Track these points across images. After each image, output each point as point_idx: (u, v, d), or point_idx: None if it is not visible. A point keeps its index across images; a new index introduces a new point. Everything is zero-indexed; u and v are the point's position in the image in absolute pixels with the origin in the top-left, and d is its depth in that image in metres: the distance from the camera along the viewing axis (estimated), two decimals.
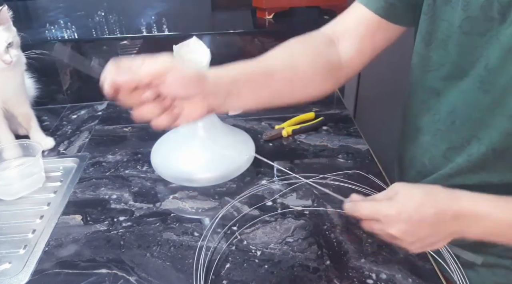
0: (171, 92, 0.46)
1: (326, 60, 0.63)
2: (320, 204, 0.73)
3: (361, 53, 0.65)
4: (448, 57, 0.57)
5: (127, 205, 0.75)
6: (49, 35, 1.08)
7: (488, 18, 0.51)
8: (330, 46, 0.64)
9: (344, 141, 0.91)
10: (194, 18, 1.21)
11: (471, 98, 0.56)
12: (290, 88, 0.60)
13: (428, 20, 0.59)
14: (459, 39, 0.55)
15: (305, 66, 0.61)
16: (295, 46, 0.63)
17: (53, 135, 0.97)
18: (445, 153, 0.61)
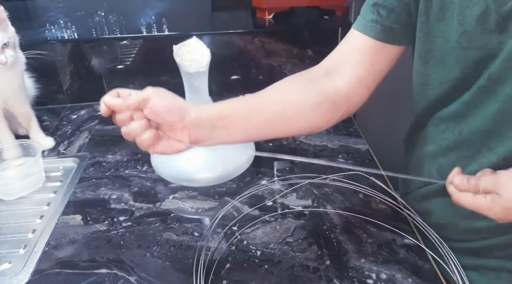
0: (154, 114, 0.51)
1: (319, 91, 0.61)
2: (320, 204, 0.73)
3: (361, 81, 0.62)
4: (448, 75, 0.56)
5: (127, 205, 0.75)
6: (49, 35, 1.08)
7: (485, 31, 0.50)
8: (326, 78, 0.62)
9: (344, 141, 0.91)
10: (194, 18, 1.21)
11: (477, 108, 0.55)
12: (283, 120, 0.59)
13: (423, 38, 0.58)
14: (459, 55, 0.54)
15: (295, 100, 0.60)
16: (287, 80, 0.63)
17: (53, 135, 0.97)
18: (454, 163, 0.60)
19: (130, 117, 0.51)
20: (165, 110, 0.52)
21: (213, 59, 0.76)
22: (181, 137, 0.54)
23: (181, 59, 0.74)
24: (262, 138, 0.63)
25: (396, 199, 0.72)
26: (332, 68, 0.63)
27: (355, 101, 0.63)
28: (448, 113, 0.60)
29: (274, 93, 0.61)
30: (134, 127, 0.51)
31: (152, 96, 0.51)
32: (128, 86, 1.12)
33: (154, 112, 0.51)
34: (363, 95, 0.63)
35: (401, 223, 0.68)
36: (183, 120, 0.53)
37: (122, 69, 1.11)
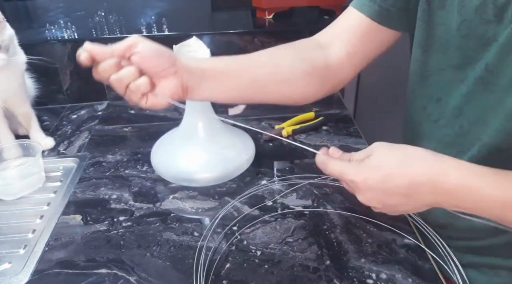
0: (143, 59, 0.48)
1: (310, 62, 0.62)
2: (320, 204, 0.73)
3: (351, 57, 0.63)
4: (448, 61, 0.57)
5: (127, 205, 0.75)
6: (49, 35, 1.08)
7: (483, 21, 0.50)
8: (317, 50, 0.63)
9: (344, 141, 0.91)
10: (194, 18, 1.21)
11: (475, 101, 0.55)
12: (273, 83, 0.60)
13: (424, 26, 0.58)
14: (459, 42, 0.54)
15: (286, 65, 0.61)
16: (279, 48, 0.63)
17: (53, 135, 0.97)
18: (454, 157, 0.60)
19: (116, 65, 0.47)
20: (155, 54, 0.49)
21: None
22: (173, 84, 0.51)
23: None
24: (250, 99, 0.61)
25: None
26: (324, 43, 0.64)
27: (342, 77, 0.64)
28: (447, 108, 0.60)
29: (267, 56, 0.61)
30: (125, 72, 0.47)
31: (139, 41, 0.48)
32: None
33: (144, 57, 0.48)
34: (350, 73, 0.64)
35: (401, 223, 0.68)
36: (175, 64, 0.50)
37: None
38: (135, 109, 1.09)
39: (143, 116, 1.06)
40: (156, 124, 1.01)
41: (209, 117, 0.83)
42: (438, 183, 0.45)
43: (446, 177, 0.45)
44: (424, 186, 0.46)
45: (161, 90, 0.51)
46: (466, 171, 0.46)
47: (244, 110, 1.06)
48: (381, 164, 0.47)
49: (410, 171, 0.46)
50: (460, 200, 0.46)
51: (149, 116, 1.05)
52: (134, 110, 1.08)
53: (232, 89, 0.58)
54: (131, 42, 0.48)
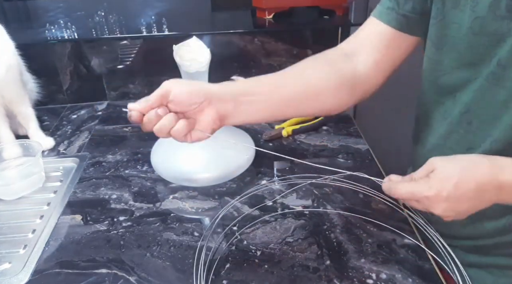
0: (178, 104, 0.53)
1: (339, 74, 0.63)
2: (320, 204, 0.73)
3: (377, 65, 0.64)
4: (461, 60, 0.57)
5: (127, 205, 0.75)
6: (49, 35, 1.08)
7: (497, 17, 0.51)
8: (344, 60, 0.64)
9: (344, 141, 0.91)
10: (194, 18, 1.21)
11: (486, 96, 0.55)
12: (305, 99, 0.62)
13: (437, 24, 0.59)
14: (471, 40, 0.54)
15: (316, 80, 0.62)
16: (307, 63, 0.64)
17: (53, 135, 0.97)
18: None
19: (156, 116, 0.53)
20: (187, 95, 0.53)
21: (213, 59, 0.76)
22: (210, 116, 0.55)
23: (181, 59, 0.74)
24: (283, 117, 0.64)
25: (396, 199, 0.72)
26: (350, 52, 0.65)
27: (371, 84, 0.65)
28: (459, 105, 0.60)
29: (296, 72, 0.63)
30: (163, 122, 0.52)
31: (171, 88, 0.53)
32: (128, 86, 1.13)
33: (178, 102, 0.53)
34: (380, 79, 0.66)
35: (401, 223, 0.68)
36: (207, 97, 0.54)
37: (122, 69, 1.11)
38: None
39: None
40: None
41: None
42: (500, 180, 0.48)
43: (506, 174, 0.48)
44: (489, 185, 0.48)
45: (200, 124, 0.55)
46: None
47: None
48: (449, 175, 0.49)
49: (475, 174, 0.49)
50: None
51: None
52: None
53: (265, 110, 0.59)
54: (164, 92, 0.53)
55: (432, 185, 0.49)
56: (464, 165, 0.50)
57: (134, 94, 1.14)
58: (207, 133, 0.56)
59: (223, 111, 0.55)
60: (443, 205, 0.49)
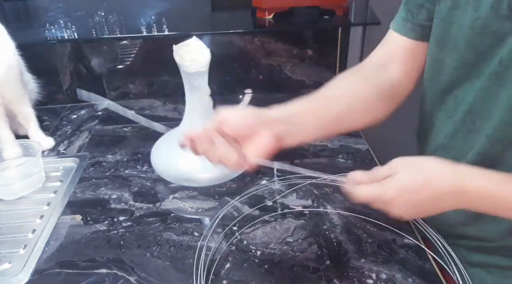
0: (234, 129, 0.54)
1: (378, 87, 0.65)
2: (320, 204, 0.73)
3: (408, 74, 0.67)
4: (462, 60, 0.57)
5: (127, 205, 0.75)
6: (49, 35, 1.08)
7: (499, 16, 0.51)
8: (380, 72, 0.67)
9: (344, 141, 0.91)
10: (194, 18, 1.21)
11: (489, 96, 0.55)
12: (351, 115, 0.64)
13: (440, 24, 0.59)
14: (472, 40, 0.54)
15: (360, 92, 0.64)
16: (348, 79, 0.66)
17: (53, 135, 0.97)
18: (466, 154, 0.60)
19: (209, 140, 0.54)
20: (243, 121, 0.55)
21: (213, 59, 0.76)
22: (266, 138, 0.55)
23: (181, 59, 0.74)
24: (336, 132, 0.67)
25: None
26: (382, 65, 0.67)
27: (403, 93, 0.68)
28: (461, 104, 0.60)
29: (340, 89, 0.65)
30: (222, 153, 0.53)
31: (227, 115, 0.55)
32: (128, 86, 1.13)
33: (237, 127, 0.55)
34: (411, 85, 0.68)
35: (401, 223, 0.68)
36: (263, 120, 0.56)
37: (122, 69, 1.11)
38: (135, 108, 1.09)
39: (143, 116, 1.06)
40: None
41: (210, 117, 0.83)
42: (460, 192, 0.50)
43: (466, 186, 0.50)
44: (449, 194, 0.50)
45: (258, 148, 0.55)
46: (483, 178, 0.51)
47: None
48: (408, 184, 0.50)
49: (435, 185, 0.50)
50: (479, 204, 0.52)
51: (149, 116, 1.05)
52: (134, 110, 1.09)
53: (317, 128, 0.62)
54: (221, 118, 0.55)
55: (389, 191, 0.50)
56: (425, 175, 0.50)
57: (134, 94, 1.14)
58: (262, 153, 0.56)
59: (277, 133, 0.56)
60: (403, 207, 0.50)
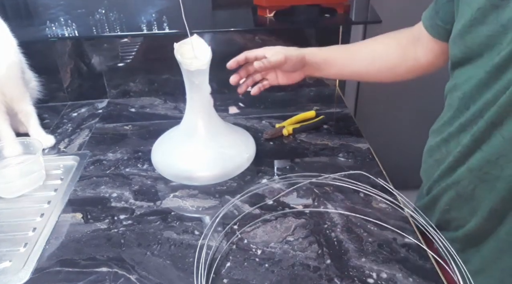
0: (272, 55, 0.76)
1: (403, 56, 0.77)
2: (320, 203, 0.73)
3: (435, 54, 0.73)
4: (467, 51, 0.58)
5: (127, 203, 0.75)
6: (50, 32, 1.07)
7: (493, 6, 0.52)
8: (411, 45, 0.76)
9: (344, 140, 0.91)
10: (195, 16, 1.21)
11: (481, 84, 0.56)
12: (371, 71, 0.81)
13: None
14: (475, 30, 0.55)
15: (384, 56, 0.79)
16: (379, 39, 0.81)
17: (53, 133, 0.97)
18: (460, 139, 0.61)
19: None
20: (282, 50, 0.78)
21: (213, 57, 0.76)
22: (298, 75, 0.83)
23: (182, 57, 0.74)
24: (355, 79, 0.95)
25: (396, 198, 0.72)
26: (417, 37, 0.75)
27: (430, 68, 0.76)
28: (456, 91, 0.62)
29: (370, 48, 0.81)
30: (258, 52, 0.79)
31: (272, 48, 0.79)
32: (129, 84, 1.13)
33: (275, 52, 0.77)
34: (439, 64, 0.75)
35: (402, 222, 0.68)
36: (303, 63, 0.80)
37: (122, 66, 1.11)
38: (136, 106, 1.09)
39: (144, 114, 1.06)
40: (156, 122, 1.01)
41: (210, 115, 0.83)
42: None
43: None
44: None
45: (288, 76, 0.83)
46: None
47: (245, 109, 1.06)
48: None
49: None
50: None
51: (150, 114, 1.05)
52: (134, 108, 1.08)
53: (338, 74, 0.87)
54: (279, 62, 0.77)
55: None
56: None
57: (135, 92, 1.14)
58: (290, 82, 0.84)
59: (307, 73, 0.82)
60: None
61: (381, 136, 1.44)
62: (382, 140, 1.35)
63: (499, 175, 0.56)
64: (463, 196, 0.62)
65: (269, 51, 0.78)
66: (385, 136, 1.57)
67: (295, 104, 1.08)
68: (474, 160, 0.58)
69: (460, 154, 0.60)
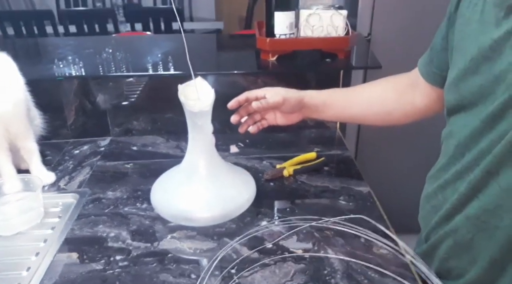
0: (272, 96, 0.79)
1: (399, 101, 0.79)
2: (320, 247, 0.72)
3: (431, 99, 0.74)
4: (461, 99, 0.59)
5: (124, 243, 0.74)
6: (57, 71, 1.10)
7: (485, 57, 0.53)
8: (407, 90, 0.78)
9: (345, 183, 0.91)
10: (200, 58, 1.24)
11: (476, 132, 0.56)
12: (368, 115, 0.83)
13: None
14: (469, 79, 0.57)
15: (382, 100, 0.81)
16: (378, 83, 0.83)
17: (54, 170, 0.97)
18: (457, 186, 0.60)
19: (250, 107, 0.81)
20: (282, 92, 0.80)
21: (217, 97, 0.77)
22: (296, 117, 0.85)
23: (185, 99, 0.75)
24: (353, 122, 1.01)
25: (397, 244, 0.71)
26: (414, 83, 0.77)
27: (427, 114, 0.78)
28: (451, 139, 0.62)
29: (368, 92, 0.84)
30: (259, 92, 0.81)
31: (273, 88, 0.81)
32: (132, 122, 1.14)
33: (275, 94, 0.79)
34: (436, 109, 0.76)
35: (403, 269, 0.66)
36: (301, 106, 0.82)
37: (126, 105, 1.13)
38: (138, 145, 1.10)
39: (145, 152, 1.06)
40: (158, 161, 1.01)
41: (211, 155, 0.83)
42: None
43: None
44: None
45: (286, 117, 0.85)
46: None
47: (246, 148, 1.07)
48: None
49: None
50: None
51: (151, 153, 1.06)
52: (136, 147, 1.09)
53: (336, 117, 0.91)
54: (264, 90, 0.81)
55: None
56: None
57: (138, 131, 1.15)
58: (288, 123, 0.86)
59: (305, 115, 0.84)
60: None
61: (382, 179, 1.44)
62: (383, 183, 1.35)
63: (498, 224, 0.55)
64: (461, 244, 0.61)
65: (269, 92, 0.80)
66: (386, 179, 1.56)
67: (296, 145, 1.08)
68: (472, 208, 0.57)
69: (457, 201, 0.59)
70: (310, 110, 0.83)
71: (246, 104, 0.82)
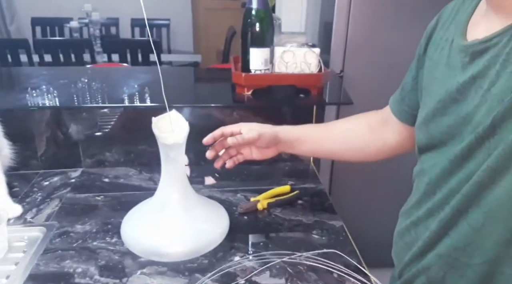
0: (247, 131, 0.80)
1: (373, 137, 0.81)
2: (293, 283, 0.71)
3: (403, 137, 0.77)
4: (431, 139, 0.61)
5: (92, 279, 0.71)
6: (30, 101, 1.08)
7: (452, 99, 0.56)
8: (380, 127, 0.81)
9: (318, 216, 0.91)
10: (176, 90, 1.25)
11: (446, 171, 0.57)
12: (343, 150, 0.85)
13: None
14: (438, 119, 0.59)
15: (356, 136, 0.83)
16: (351, 120, 0.86)
17: (21, 202, 0.94)
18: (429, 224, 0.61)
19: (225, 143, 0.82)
20: (257, 127, 0.82)
21: (192, 130, 0.77)
22: (271, 152, 0.86)
23: (159, 131, 0.75)
24: (326, 157, 1.02)
25: (370, 279, 0.71)
26: (386, 120, 0.80)
27: (399, 151, 0.81)
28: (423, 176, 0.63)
29: (341, 128, 0.86)
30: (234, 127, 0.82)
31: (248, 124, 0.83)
32: (105, 153, 1.12)
33: (250, 129, 0.81)
34: (407, 147, 0.78)
35: None
36: (276, 141, 0.83)
37: (100, 136, 1.11)
38: (110, 177, 1.08)
39: (117, 184, 1.04)
40: (130, 194, 1.00)
41: (185, 188, 0.82)
42: None
43: None
44: None
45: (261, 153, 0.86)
46: None
47: (220, 181, 1.06)
48: None
49: None
50: None
51: (123, 185, 1.04)
52: (108, 178, 1.07)
53: (311, 152, 0.95)
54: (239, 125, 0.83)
55: None
56: None
57: (110, 162, 1.13)
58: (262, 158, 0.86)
59: (280, 149, 0.86)
60: None
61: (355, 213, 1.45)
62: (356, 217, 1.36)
63: (469, 262, 0.55)
64: (434, 282, 0.61)
65: (245, 128, 0.81)
66: (359, 213, 1.58)
67: (271, 177, 1.09)
68: (443, 246, 0.58)
69: (429, 239, 0.60)
70: (285, 145, 0.85)
71: (222, 138, 0.83)
